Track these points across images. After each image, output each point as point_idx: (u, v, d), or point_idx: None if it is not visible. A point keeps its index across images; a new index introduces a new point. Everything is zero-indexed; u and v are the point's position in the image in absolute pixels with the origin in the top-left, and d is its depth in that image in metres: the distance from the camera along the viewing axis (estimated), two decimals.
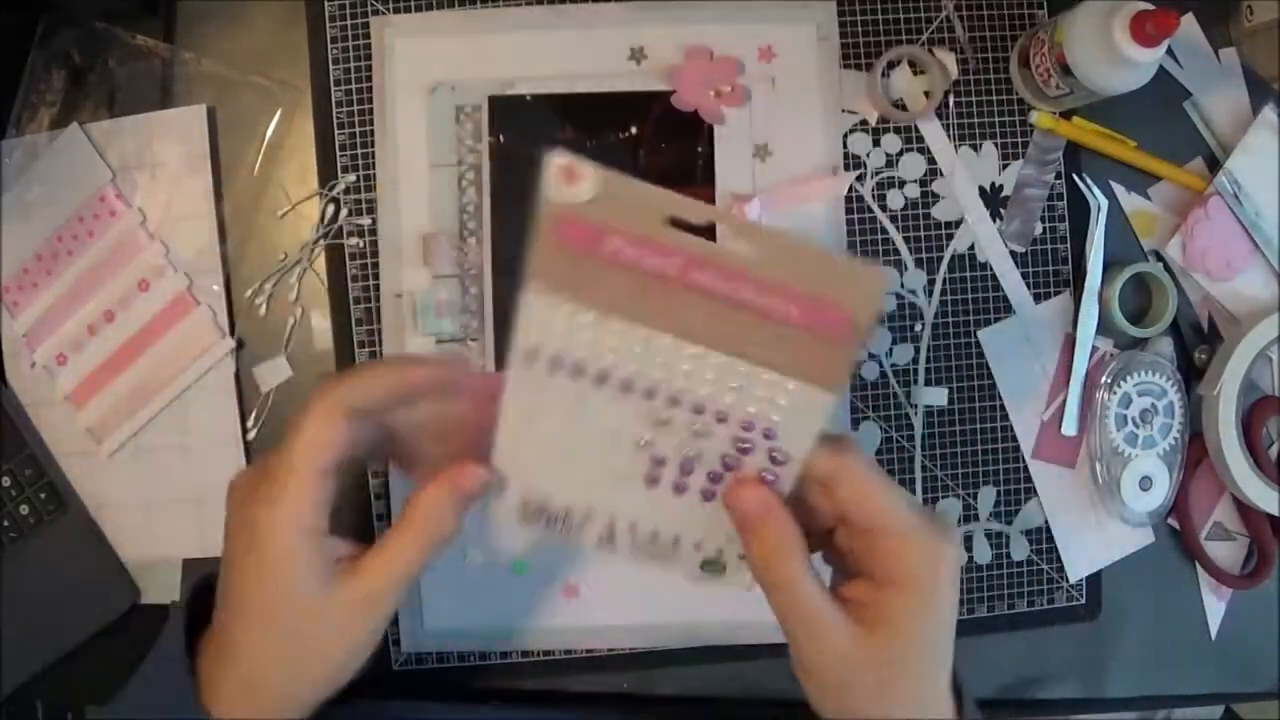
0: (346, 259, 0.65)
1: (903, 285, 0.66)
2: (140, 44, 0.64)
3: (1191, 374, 0.66)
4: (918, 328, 0.66)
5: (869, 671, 0.39)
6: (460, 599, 0.65)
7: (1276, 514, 0.64)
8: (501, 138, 0.64)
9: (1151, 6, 0.54)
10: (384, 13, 0.65)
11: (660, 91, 0.64)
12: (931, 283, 0.66)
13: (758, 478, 0.40)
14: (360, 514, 0.65)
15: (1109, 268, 0.66)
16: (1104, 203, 0.66)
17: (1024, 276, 0.66)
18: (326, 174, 0.65)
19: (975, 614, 0.67)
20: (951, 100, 0.66)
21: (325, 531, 0.40)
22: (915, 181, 0.66)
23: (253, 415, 0.65)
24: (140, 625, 0.65)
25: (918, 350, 0.66)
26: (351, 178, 0.65)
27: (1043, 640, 0.67)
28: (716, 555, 0.42)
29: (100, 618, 0.65)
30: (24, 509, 0.65)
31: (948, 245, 0.66)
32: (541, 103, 0.64)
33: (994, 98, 0.66)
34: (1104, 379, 0.65)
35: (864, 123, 0.66)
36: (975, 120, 0.66)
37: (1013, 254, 0.66)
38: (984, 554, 0.67)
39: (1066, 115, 0.66)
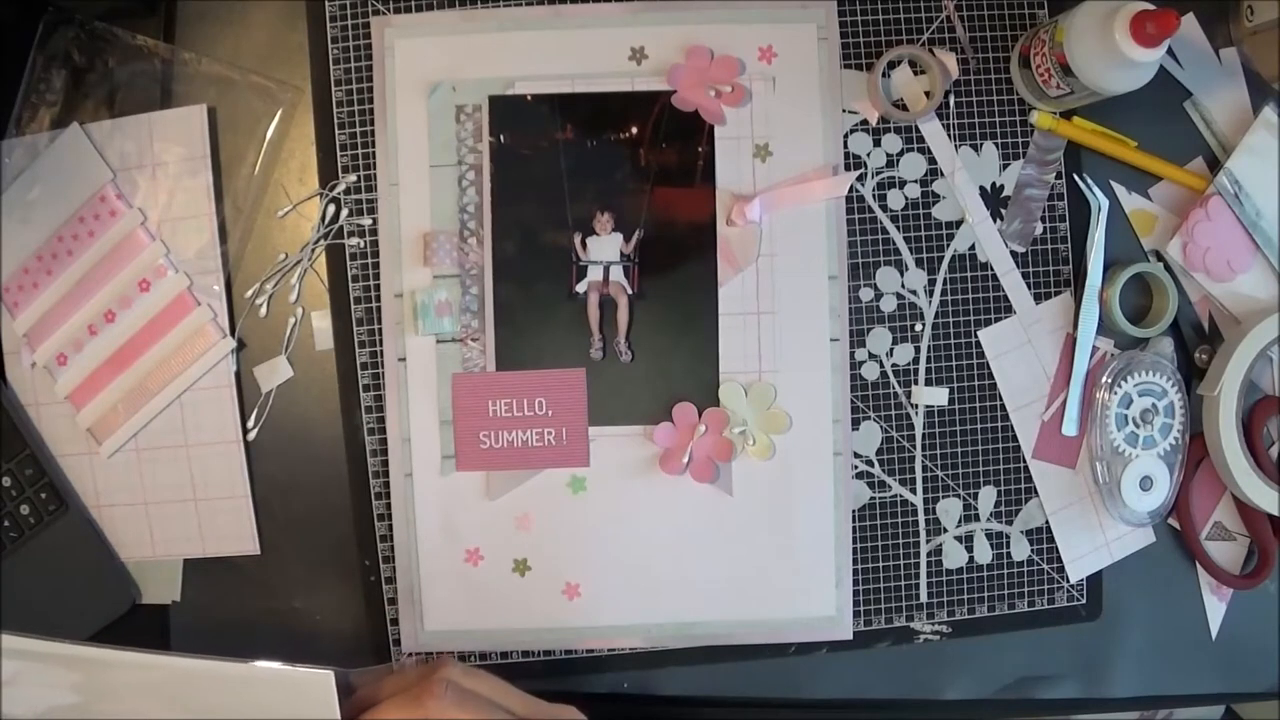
0: (347, 259, 0.65)
1: (903, 285, 0.66)
2: (140, 44, 0.64)
3: (1192, 374, 0.66)
4: (918, 328, 0.66)
5: None
6: (460, 599, 0.65)
7: (1276, 514, 0.64)
8: (501, 138, 0.64)
9: (1152, 6, 0.54)
10: (384, 13, 0.65)
11: (660, 91, 0.64)
12: (932, 283, 0.66)
13: None
14: (361, 513, 0.65)
15: (1109, 268, 0.66)
16: (1104, 203, 0.66)
17: (1024, 276, 0.66)
18: (327, 174, 0.65)
19: (975, 614, 0.67)
20: (952, 100, 0.66)
21: None
22: (916, 181, 0.66)
23: (253, 415, 0.65)
24: (140, 625, 0.65)
25: (918, 350, 0.66)
26: (352, 178, 0.65)
27: (1043, 640, 0.67)
28: None
29: (100, 618, 0.65)
30: (24, 509, 0.65)
31: (948, 245, 0.66)
32: (541, 103, 0.64)
33: (994, 98, 0.66)
34: (1104, 379, 0.65)
35: (864, 123, 0.66)
36: (975, 120, 0.66)
37: (1013, 254, 0.66)
38: (984, 554, 0.67)
39: (1067, 115, 0.66)
